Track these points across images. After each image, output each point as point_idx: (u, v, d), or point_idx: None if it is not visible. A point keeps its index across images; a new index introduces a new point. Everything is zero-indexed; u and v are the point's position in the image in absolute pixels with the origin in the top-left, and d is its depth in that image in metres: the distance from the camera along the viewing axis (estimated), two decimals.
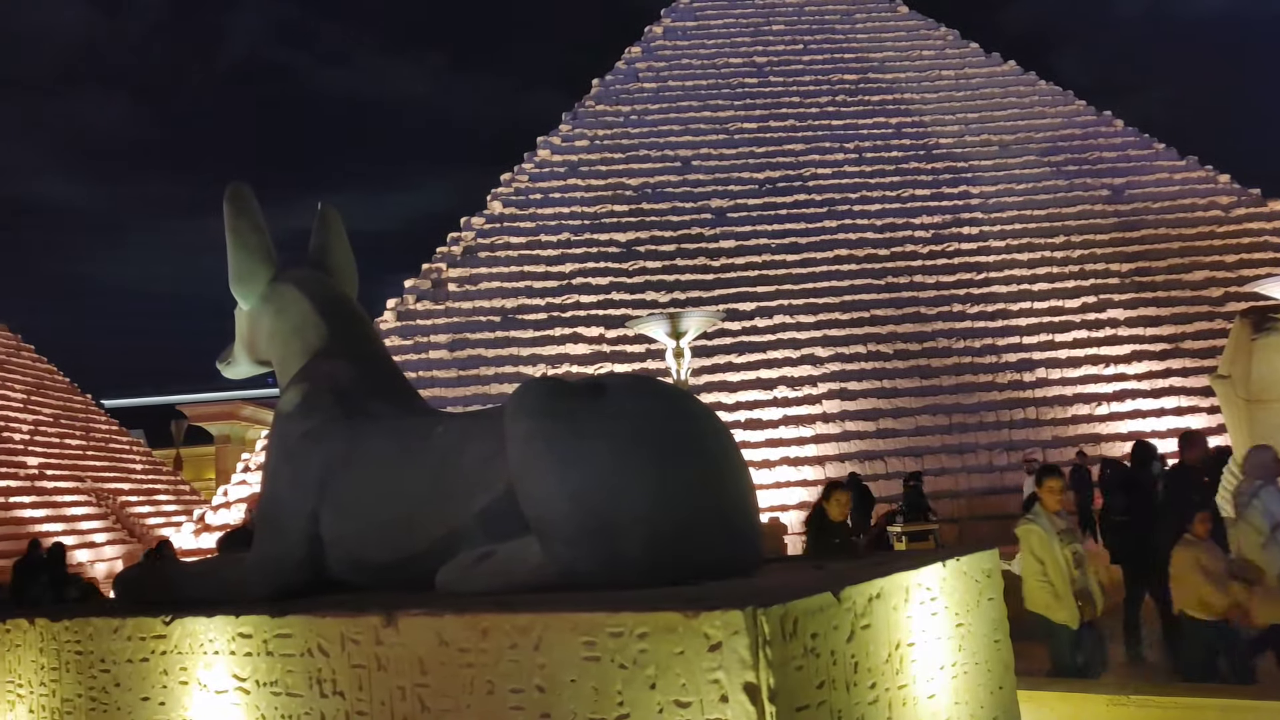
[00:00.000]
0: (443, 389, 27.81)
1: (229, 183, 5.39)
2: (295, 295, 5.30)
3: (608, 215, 33.50)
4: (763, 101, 37.18)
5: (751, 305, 30.57)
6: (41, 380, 47.78)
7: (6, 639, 5.06)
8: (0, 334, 48.42)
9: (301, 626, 3.98)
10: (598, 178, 34.70)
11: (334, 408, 4.86)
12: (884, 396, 28.29)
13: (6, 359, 46.45)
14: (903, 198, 33.54)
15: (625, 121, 36.63)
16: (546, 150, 35.82)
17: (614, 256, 32.26)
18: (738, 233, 32.74)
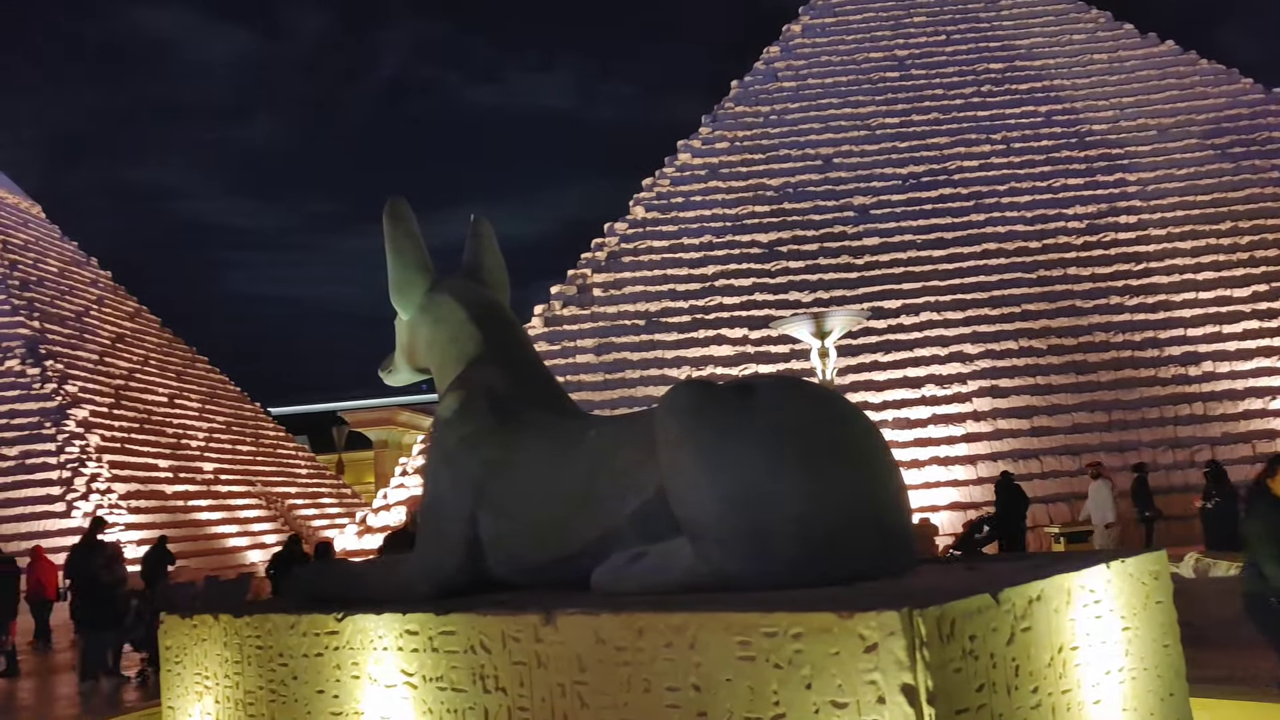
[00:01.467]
0: (589, 393, 28.22)
1: (387, 198, 5.61)
2: (451, 305, 5.48)
3: (749, 216, 33.41)
4: (905, 95, 36.47)
5: (897, 303, 30.02)
6: (215, 390, 50.50)
7: (194, 634, 5.38)
8: (178, 348, 51.37)
9: (464, 624, 4.12)
10: (738, 179, 34.65)
11: (490, 413, 5.01)
12: (1038, 393, 27.40)
13: (183, 370, 49.27)
14: (1054, 188, 32.41)
15: (765, 122, 36.47)
16: (687, 154, 35.94)
17: (756, 257, 32.15)
18: (881, 229, 32.20)
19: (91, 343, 43.78)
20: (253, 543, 39.64)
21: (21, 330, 40.02)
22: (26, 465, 35.26)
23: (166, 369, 47.77)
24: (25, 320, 40.63)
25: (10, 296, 41.75)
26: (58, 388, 37.88)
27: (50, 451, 35.54)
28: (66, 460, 35.23)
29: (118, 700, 13.12)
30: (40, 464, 35.24)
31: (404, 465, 31.07)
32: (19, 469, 35.21)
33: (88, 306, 46.89)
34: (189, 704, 5.40)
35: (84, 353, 42.27)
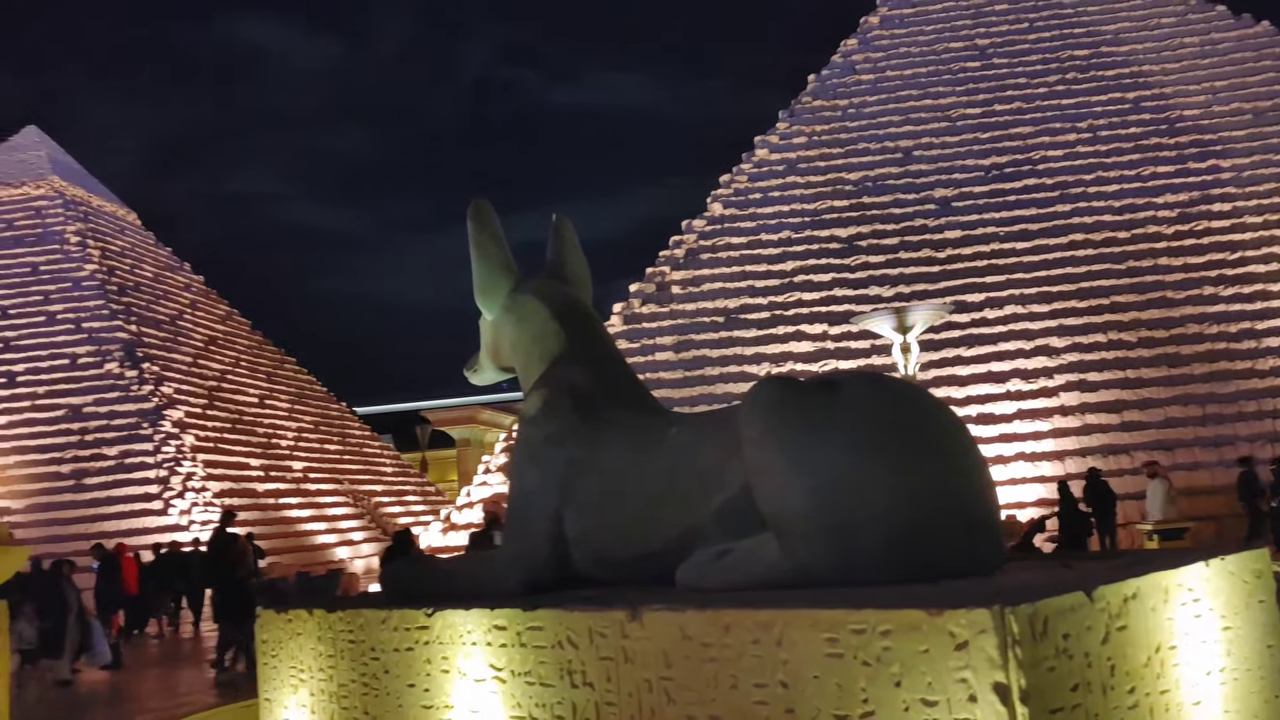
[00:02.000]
0: (669, 390, 28.26)
1: (470, 199, 5.69)
2: (534, 304, 5.54)
3: (828, 211, 33.14)
4: (986, 85, 35.83)
5: (980, 296, 29.53)
6: (303, 390, 51.67)
7: (289, 628, 5.52)
8: (267, 350, 52.66)
9: (551, 620, 4.17)
10: (817, 174, 34.38)
11: (574, 411, 5.06)
12: (1128, 387, 26.72)
13: (273, 371, 50.51)
14: (1143, 176, 31.57)
15: (843, 115, 36.12)
16: (765, 149, 35.77)
17: (835, 252, 31.88)
18: (963, 222, 31.69)
19: (185, 345, 45.10)
20: (340, 540, 40.49)
21: (120, 334, 41.39)
22: (125, 465, 36.47)
23: (257, 370, 49.02)
24: (123, 324, 42.02)
25: (109, 301, 43.20)
26: (154, 389, 39.11)
27: (148, 451, 36.71)
28: (163, 460, 36.36)
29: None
30: (138, 463, 36.42)
31: (486, 463, 31.45)
32: (118, 468, 36.44)
33: (181, 310, 48.32)
34: (285, 696, 5.54)
35: (178, 355, 43.57)
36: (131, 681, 15.91)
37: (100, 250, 46.82)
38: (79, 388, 39.55)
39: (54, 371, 40.50)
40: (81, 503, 35.30)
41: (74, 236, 46.93)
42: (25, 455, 37.60)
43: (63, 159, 54.30)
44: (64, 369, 40.52)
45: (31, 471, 37.04)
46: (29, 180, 50.83)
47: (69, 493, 35.86)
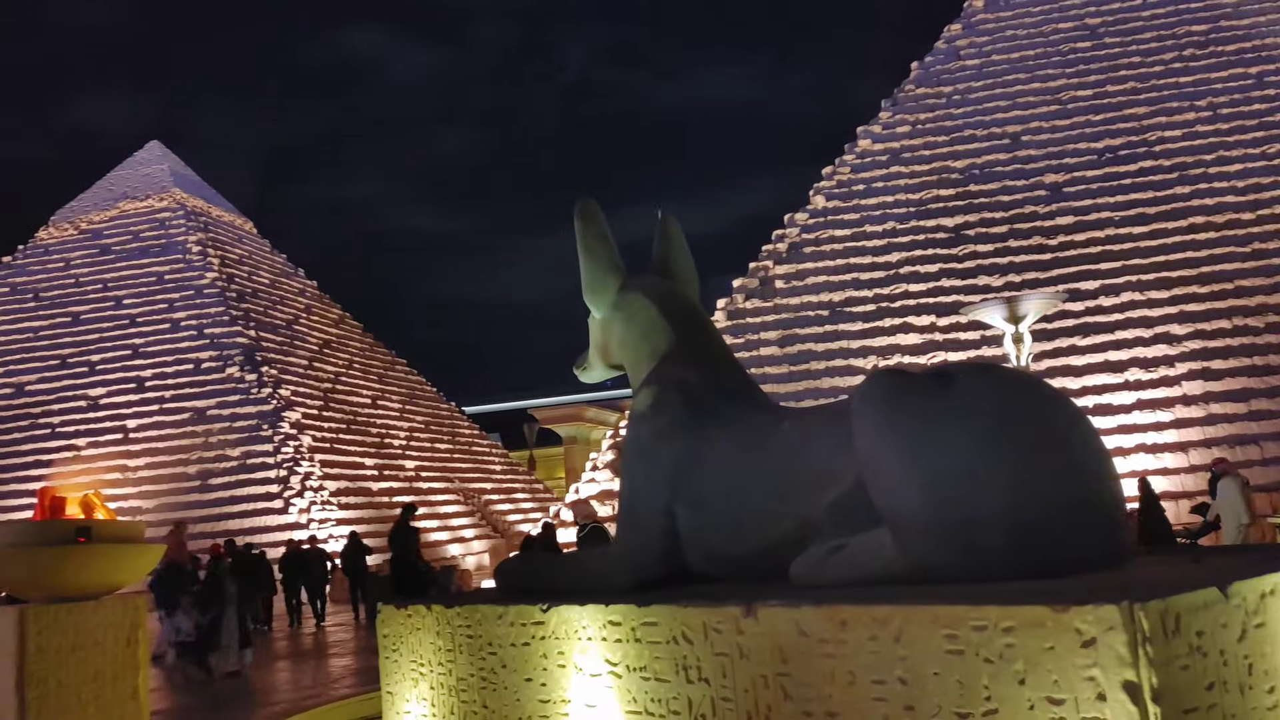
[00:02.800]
0: (774, 385, 28.09)
1: (576, 199, 5.74)
2: (642, 302, 5.57)
3: (933, 201, 32.53)
4: (1098, 66, 34.72)
5: (1095, 284, 28.64)
6: (414, 391, 52.82)
7: (409, 623, 5.65)
8: (379, 352, 53.96)
9: (666, 616, 4.18)
10: (921, 163, 33.77)
11: (683, 407, 5.07)
12: (1255, 375, 25.62)
13: (384, 373, 51.74)
14: (1269, 154, 30.22)
15: (948, 103, 35.41)
16: (868, 140, 35.27)
17: (942, 242, 31.28)
18: (1076, 208, 30.77)
19: (301, 349, 46.49)
20: (452, 536, 41.26)
21: (239, 339, 42.87)
22: (247, 465, 37.77)
23: (369, 372, 50.27)
24: (242, 330, 43.51)
25: (229, 308, 44.78)
26: (273, 391, 40.40)
27: (268, 452, 37.95)
28: (282, 460, 37.54)
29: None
30: (259, 463, 37.67)
31: (594, 460, 31.69)
32: (240, 469, 37.75)
33: (297, 315, 49.82)
34: (406, 689, 5.67)
35: (294, 358, 44.93)
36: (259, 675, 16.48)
37: (220, 258, 48.57)
38: (202, 391, 41.12)
39: (179, 376, 42.19)
40: (207, 502, 36.68)
41: (195, 246, 48.77)
42: (155, 457, 39.26)
43: (183, 172, 56.50)
44: (188, 373, 42.17)
45: (160, 473, 38.66)
46: (153, 193, 53.06)
47: (195, 493, 37.31)
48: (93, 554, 5.70)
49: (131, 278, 48.11)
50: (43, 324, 47.02)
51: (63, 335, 46.10)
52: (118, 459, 39.42)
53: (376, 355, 53.23)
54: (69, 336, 45.94)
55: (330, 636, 20.25)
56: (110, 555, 5.81)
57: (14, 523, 6.22)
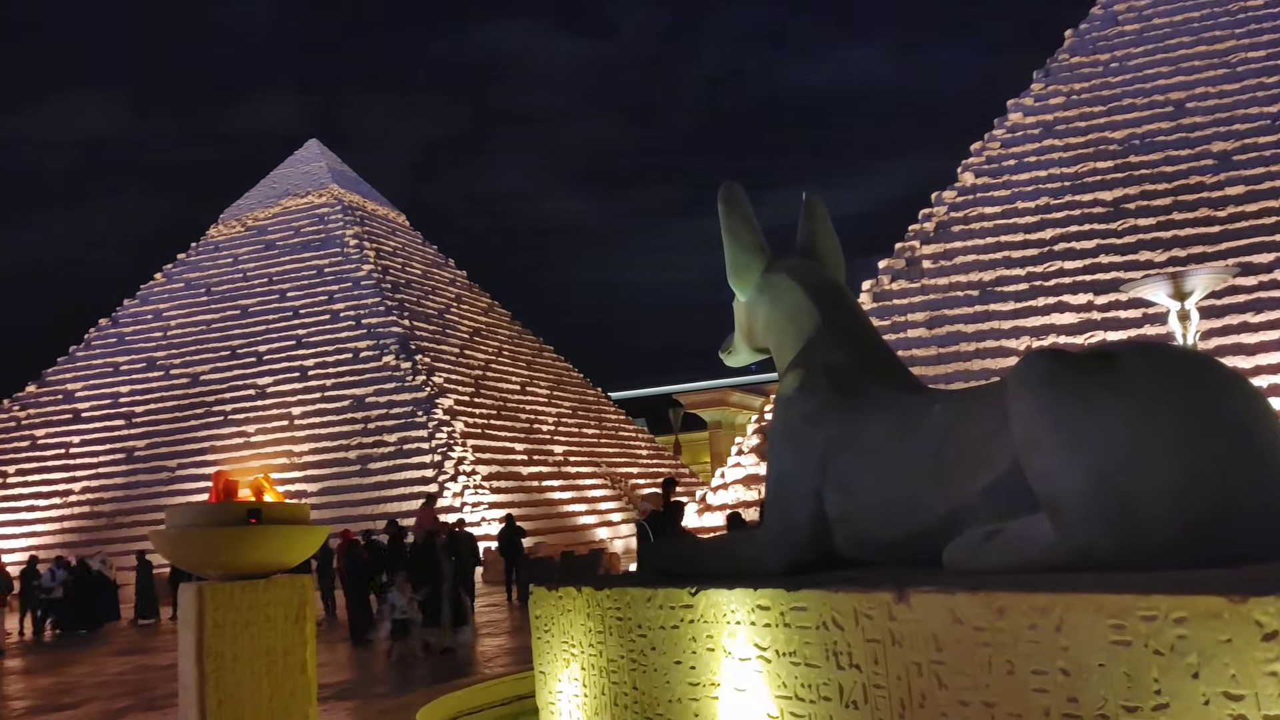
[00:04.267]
0: (922, 367, 27.49)
1: (721, 183, 5.72)
2: (788, 284, 5.51)
3: (1090, 174, 31.21)
4: (1271, 25, 32.63)
5: (1269, 256, 27.01)
6: (561, 377, 53.71)
7: (560, 605, 5.75)
8: (526, 339, 55.07)
9: (815, 600, 4.14)
10: (1077, 135, 32.42)
11: (831, 390, 5.00)
12: None
13: (532, 360, 52.77)
14: None
15: (1105, 71, 33.87)
16: (1018, 113, 34.06)
17: (1099, 217, 29.99)
18: (1247, 177, 29.04)
19: (452, 337, 47.82)
20: (600, 520, 41.84)
21: (394, 328, 44.36)
22: (404, 450, 39.10)
23: (518, 359, 51.34)
24: (397, 319, 44.99)
25: (384, 298, 46.37)
26: (426, 379, 41.68)
27: (423, 438, 39.19)
28: (436, 445, 38.72)
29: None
30: (415, 449, 38.95)
31: (739, 444, 31.62)
32: (397, 454, 39.11)
33: (448, 304, 51.24)
34: (558, 669, 5.78)
35: (446, 347, 46.24)
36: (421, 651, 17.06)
37: (375, 251, 50.34)
38: (361, 379, 42.74)
39: (339, 365, 43.95)
40: (366, 486, 38.15)
41: (352, 239, 50.65)
42: (318, 443, 41.03)
43: (340, 168, 58.75)
44: (347, 362, 43.88)
45: (323, 458, 40.38)
46: (312, 190, 55.34)
47: (355, 477, 38.84)
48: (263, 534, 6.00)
49: (294, 271, 50.34)
50: (214, 317, 49.66)
51: (232, 327, 48.58)
52: (284, 444, 41.35)
53: (525, 342, 54.31)
54: (238, 328, 48.39)
55: (483, 616, 20.81)
56: (279, 536, 6.10)
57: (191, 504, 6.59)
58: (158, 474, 42.66)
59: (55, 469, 44.99)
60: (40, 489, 44.29)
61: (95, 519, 41.81)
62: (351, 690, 13.07)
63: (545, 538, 34.28)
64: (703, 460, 61.51)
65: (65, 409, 47.99)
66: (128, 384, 47.92)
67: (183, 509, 6.45)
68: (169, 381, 47.16)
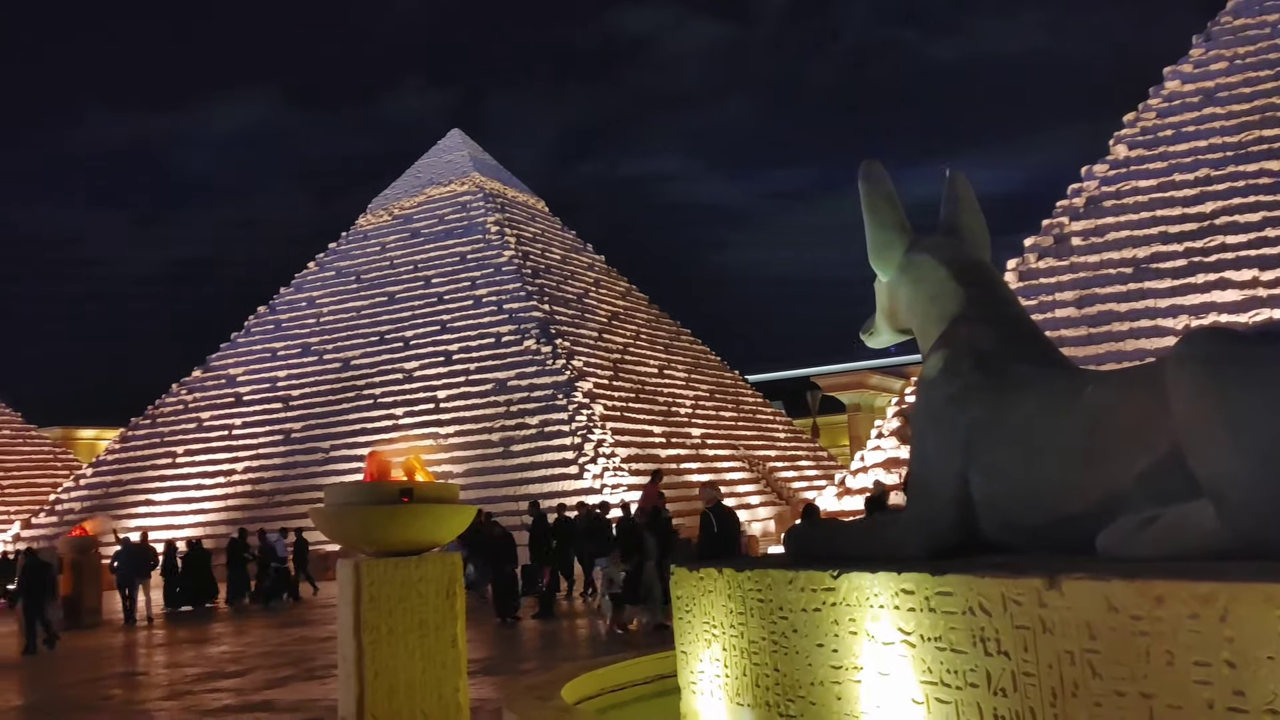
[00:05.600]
0: (1071, 348, 26.54)
1: (859, 162, 5.64)
2: (931, 263, 5.40)
3: (1255, 143, 29.52)
4: None
5: None
6: (698, 360, 53.81)
7: (701, 585, 5.79)
8: (664, 323, 55.32)
9: (961, 585, 4.06)
10: (1241, 102, 30.70)
11: (976, 371, 4.89)
12: None
13: (670, 343, 53.01)
14: None
15: (1274, 33, 31.94)
16: (1176, 81, 32.44)
17: (1267, 188, 28.35)
18: None
19: (591, 321, 48.40)
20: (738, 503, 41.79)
21: (535, 313, 45.17)
22: (545, 433, 39.82)
23: (655, 342, 51.64)
24: (537, 304, 45.80)
25: (524, 284, 47.24)
26: (566, 363, 42.33)
27: (563, 420, 39.84)
28: (577, 428, 39.30)
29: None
30: (555, 431, 39.62)
31: (879, 427, 31.15)
32: (539, 436, 39.86)
33: (586, 289, 51.87)
34: (699, 649, 5.83)
35: (585, 331, 46.83)
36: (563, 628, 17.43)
37: (516, 237, 51.30)
38: (503, 363, 43.68)
39: (482, 349, 45.01)
40: (509, 468, 39.01)
41: (494, 226, 51.73)
42: (462, 425, 42.15)
43: (481, 157, 60.05)
44: (490, 346, 44.90)
45: (468, 440, 41.46)
46: (455, 178, 56.75)
47: (499, 458, 39.76)
48: (415, 513, 6.23)
49: (438, 258, 51.73)
50: (364, 303, 51.46)
51: (381, 313, 50.26)
52: (430, 427, 42.61)
53: (662, 325, 54.56)
54: (386, 314, 50.03)
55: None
56: (430, 514, 6.32)
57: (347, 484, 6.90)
58: (312, 454, 44.52)
59: (219, 449, 47.43)
60: (206, 468, 46.79)
61: (256, 497, 43.94)
62: (498, 665, 13.44)
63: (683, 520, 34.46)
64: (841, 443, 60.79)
65: (228, 393, 50.52)
66: (284, 368, 50.13)
67: (340, 488, 6.74)
68: (322, 366, 49.11)
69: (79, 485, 50.63)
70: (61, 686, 14.48)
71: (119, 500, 47.24)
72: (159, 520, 44.55)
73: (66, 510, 48.19)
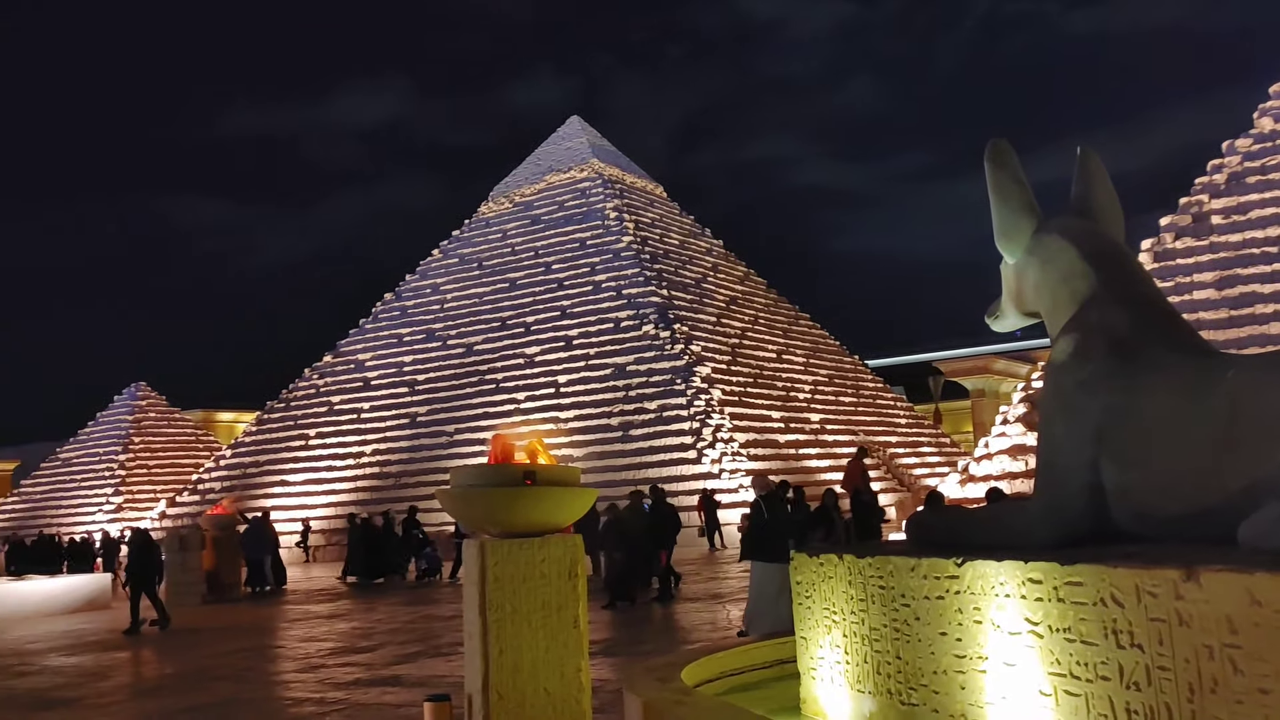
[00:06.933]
0: (1211, 331, 25.42)
1: (987, 141, 5.51)
2: (1061, 244, 5.25)
3: None
4: None
5: None
6: (817, 345, 53.32)
7: (821, 571, 5.77)
8: (782, 307, 54.97)
9: (1092, 576, 3.96)
10: None
11: (1109, 355, 4.74)
12: None
13: (788, 327, 52.63)
14: None
15: None
16: None
17: None
18: None
19: (709, 306, 48.37)
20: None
21: (653, 298, 45.36)
22: (663, 418, 40.00)
23: (774, 327, 51.34)
24: (655, 289, 45.98)
25: (643, 269, 47.48)
26: (684, 347, 42.41)
27: (681, 405, 39.96)
28: (695, 413, 39.37)
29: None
30: (674, 416, 39.77)
31: (1004, 413, 30.35)
32: (657, 420, 40.06)
33: (704, 274, 51.85)
34: (819, 635, 5.80)
35: (703, 316, 46.83)
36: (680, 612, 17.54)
37: (634, 223, 51.57)
38: (622, 348, 44.01)
39: (601, 334, 45.42)
40: (628, 452, 39.31)
41: (612, 212, 52.10)
42: (582, 409, 42.65)
43: (600, 143, 60.51)
44: (609, 332, 45.28)
45: (587, 424, 41.92)
46: (574, 165, 57.33)
47: (618, 443, 40.10)
48: (537, 496, 6.35)
49: (558, 245, 52.35)
50: (486, 290, 52.43)
51: (502, 299, 51.14)
52: (550, 411, 43.22)
53: (781, 310, 54.19)
54: (507, 300, 50.88)
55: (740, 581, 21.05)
56: (552, 497, 6.44)
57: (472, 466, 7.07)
58: (437, 438, 45.62)
59: (349, 432, 49.00)
60: (336, 450, 48.41)
61: (384, 479, 45.27)
62: (617, 647, 13.60)
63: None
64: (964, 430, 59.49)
65: (357, 377, 52.12)
66: (410, 354, 51.45)
67: (466, 470, 6.91)
68: (446, 351, 50.24)
69: (219, 465, 52.97)
70: (204, 658, 15.20)
71: (256, 480, 49.28)
72: (293, 500, 46.31)
73: (208, 489, 50.50)
